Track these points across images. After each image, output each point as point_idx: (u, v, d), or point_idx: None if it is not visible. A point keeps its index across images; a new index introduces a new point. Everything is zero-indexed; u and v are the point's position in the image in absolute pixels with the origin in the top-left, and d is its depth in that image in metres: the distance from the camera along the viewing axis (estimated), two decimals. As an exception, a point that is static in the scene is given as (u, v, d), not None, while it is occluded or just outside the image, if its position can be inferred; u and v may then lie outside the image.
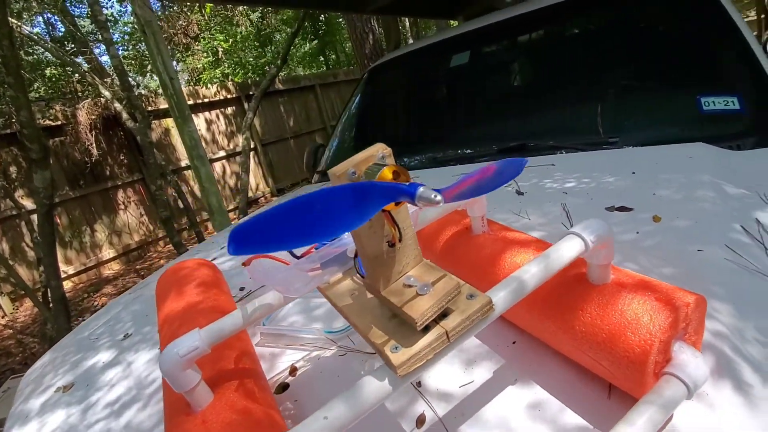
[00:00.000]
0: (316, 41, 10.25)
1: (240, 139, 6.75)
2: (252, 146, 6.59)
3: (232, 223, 2.85)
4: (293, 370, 0.61)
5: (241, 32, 8.41)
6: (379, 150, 0.30)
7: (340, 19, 10.22)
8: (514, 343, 0.54)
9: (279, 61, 4.17)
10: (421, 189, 0.25)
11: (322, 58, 11.33)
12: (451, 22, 5.52)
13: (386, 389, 0.30)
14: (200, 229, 4.15)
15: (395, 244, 0.32)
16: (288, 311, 0.76)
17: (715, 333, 0.46)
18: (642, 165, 0.94)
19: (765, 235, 0.64)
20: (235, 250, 0.24)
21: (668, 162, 0.93)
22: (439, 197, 0.25)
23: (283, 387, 0.59)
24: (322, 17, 9.64)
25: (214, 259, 1.16)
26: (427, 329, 0.31)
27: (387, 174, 0.27)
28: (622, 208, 0.77)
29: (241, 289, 0.91)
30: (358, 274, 0.40)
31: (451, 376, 0.52)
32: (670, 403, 0.36)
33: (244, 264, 0.40)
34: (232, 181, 6.65)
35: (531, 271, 0.36)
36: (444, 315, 0.32)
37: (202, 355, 0.42)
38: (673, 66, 1.25)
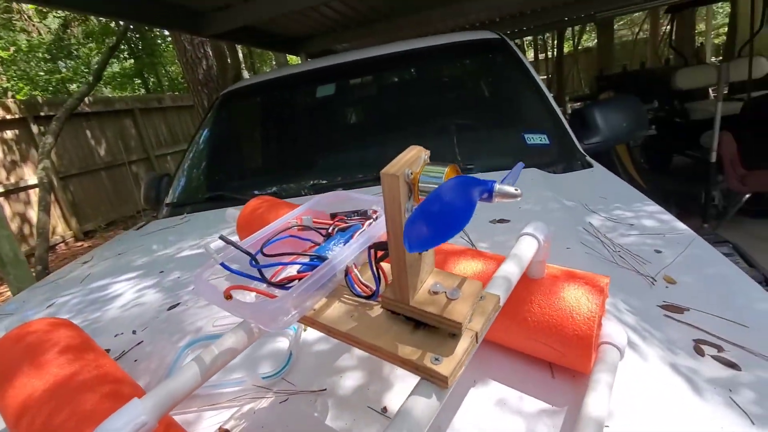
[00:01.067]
0: (132, 60, 9.01)
1: (28, 171, 5.32)
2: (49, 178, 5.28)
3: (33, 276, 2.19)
4: (224, 432, 0.51)
5: (29, 40, 6.77)
6: (422, 152, 0.30)
7: (160, 41, 9.29)
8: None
9: (92, 78, 3.50)
10: (497, 185, 0.26)
11: (138, 81, 9.99)
12: (291, 57, 5.63)
13: (435, 405, 0.29)
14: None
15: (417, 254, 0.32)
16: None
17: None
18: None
19: (598, 233, 0.85)
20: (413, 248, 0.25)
21: (520, 183, 1.14)
22: (518, 191, 0.26)
23: (220, 454, 0.48)
24: (136, 35, 8.57)
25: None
26: (454, 335, 0.31)
27: (452, 173, 0.27)
28: (501, 221, 0.91)
29: (106, 351, 0.72)
30: (349, 295, 0.37)
31: (406, 390, 0.52)
32: (613, 366, 0.44)
33: (226, 297, 0.33)
34: (14, 224, 5.14)
35: (511, 269, 0.40)
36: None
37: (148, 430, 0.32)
38: (503, 110, 1.58)
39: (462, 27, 5.09)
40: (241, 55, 9.79)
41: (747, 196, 2.98)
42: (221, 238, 0.37)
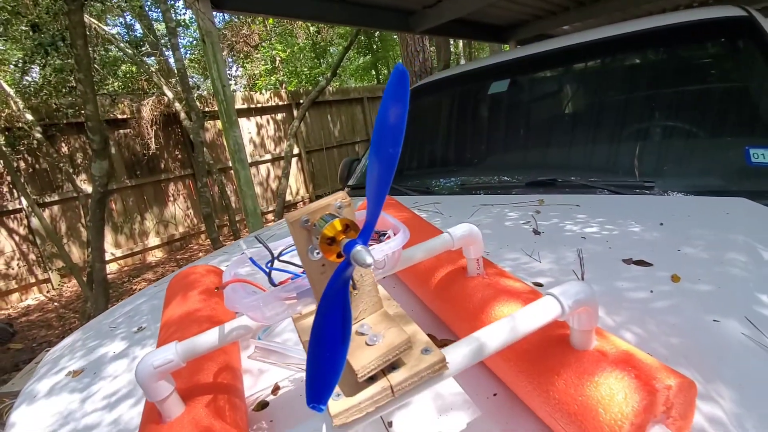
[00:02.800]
0: (369, 56, 10.51)
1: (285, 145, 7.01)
2: (296, 152, 6.82)
3: (266, 225, 2.95)
4: (276, 389, 0.62)
5: (298, 43, 8.80)
6: (338, 199, 0.30)
7: (395, 36, 10.44)
8: (495, 395, 0.52)
9: (329, 73, 4.31)
10: (355, 249, 0.25)
11: (374, 72, 11.58)
12: (504, 46, 5.49)
13: (321, 436, 0.30)
14: (238, 227, 4.32)
15: (356, 288, 0.32)
16: (285, 327, 0.77)
17: (711, 418, 0.42)
18: (673, 216, 0.88)
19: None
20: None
21: (702, 216, 0.86)
22: (369, 260, 0.25)
23: (263, 405, 0.59)
24: (376, 33, 9.89)
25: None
26: (373, 379, 0.31)
27: (337, 226, 0.28)
28: (640, 262, 0.72)
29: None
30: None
31: (424, 421, 0.50)
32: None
33: (217, 288, 0.41)
34: (275, 185, 6.89)
35: (496, 331, 0.35)
36: (394, 367, 0.31)
37: (176, 368, 0.43)
38: (722, 111, 1.17)
39: (689, 4, 3.85)
40: (461, 45, 10.08)
41: None
42: (256, 237, 0.45)
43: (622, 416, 0.34)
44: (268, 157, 6.73)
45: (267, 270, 0.44)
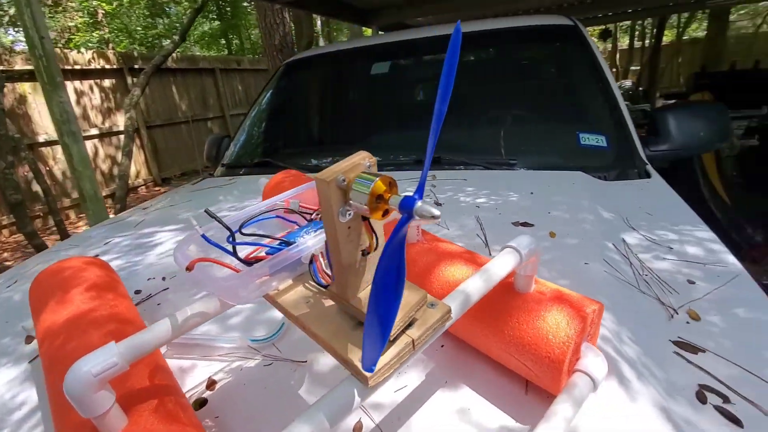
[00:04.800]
0: (218, 22, 9.50)
1: (120, 118, 5.91)
2: (135, 127, 5.83)
3: (109, 215, 2.47)
4: (211, 384, 0.56)
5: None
6: (365, 158, 0.30)
7: (246, 3, 9.65)
8: (442, 346, 0.57)
9: (177, 37, 3.76)
10: (418, 204, 0.26)
11: (223, 41, 10.54)
12: (365, 30, 5.61)
13: (355, 401, 0.29)
14: (61, 218, 3.51)
15: (370, 252, 0.32)
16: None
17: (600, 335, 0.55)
18: (538, 187, 1.08)
19: (630, 253, 0.79)
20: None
21: (558, 186, 1.08)
22: (437, 212, 0.26)
23: (200, 403, 0.53)
24: (225, -3, 8.99)
25: (98, 256, 1.00)
26: (396, 338, 0.32)
27: (381, 186, 0.27)
28: (525, 224, 0.87)
29: (137, 292, 0.80)
30: (313, 282, 0.39)
31: (393, 381, 0.53)
32: (581, 396, 0.42)
33: (187, 268, 0.36)
34: (104, 166, 5.79)
35: (477, 282, 0.39)
36: (409, 324, 0.32)
37: (120, 373, 0.36)
38: (560, 104, 1.47)
39: (549, 8, 4.72)
40: (319, 24, 9.92)
41: None
42: (206, 211, 0.40)
43: (568, 338, 0.43)
44: (94, 131, 5.58)
45: (227, 247, 0.40)
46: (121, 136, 5.95)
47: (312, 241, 0.38)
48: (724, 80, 4.70)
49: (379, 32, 4.65)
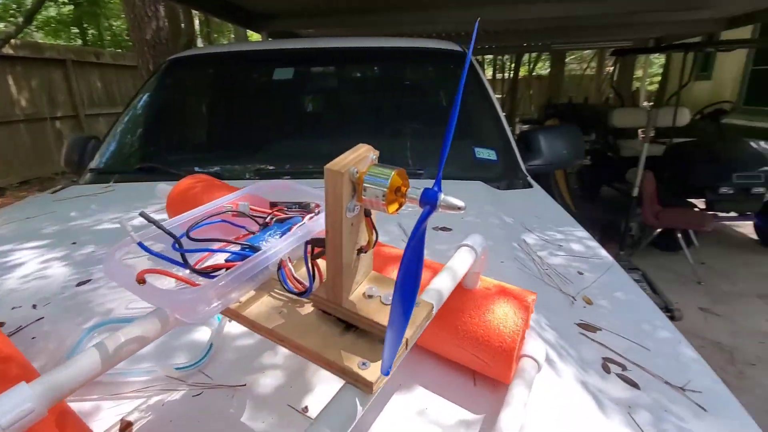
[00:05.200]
0: (72, 7, 8.13)
1: None
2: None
3: None
4: (126, 427, 0.47)
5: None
6: (369, 151, 0.29)
7: (108, -9, 8.48)
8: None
9: (22, 20, 3.09)
10: (441, 196, 0.25)
11: (76, 30, 9.03)
12: (252, 34, 5.39)
13: (358, 410, 0.28)
14: None
15: (367, 250, 0.31)
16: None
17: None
18: (445, 194, 1.16)
19: (531, 251, 0.90)
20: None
21: (464, 194, 1.18)
22: (461, 203, 0.26)
23: (116, 450, 0.44)
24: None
25: None
26: (384, 341, 0.31)
27: (398, 179, 0.26)
28: (444, 228, 0.93)
29: (0, 324, 0.63)
30: (281, 290, 0.35)
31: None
32: (531, 378, 0.46)
33: (138, 281, 0.29)
34: None
35: (446, 279, 0.41)
36: None
37: (37, 420, 0.28)
38: (459, 121, 1.62)
39: (429, 35, 5.17)
40: (197, 22, 9.20)
41: (658, 230, 3.31)
42: (142, 215, 0.33)
43: (517, 327, 0.47)
44: None
45: (174, 256, 0.34)
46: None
47: (282, 245, 0.34)
48: (564, 111, 5.71)
49: (269, 39, 4.51)
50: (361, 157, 0.28)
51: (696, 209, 3.34)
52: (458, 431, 0.46)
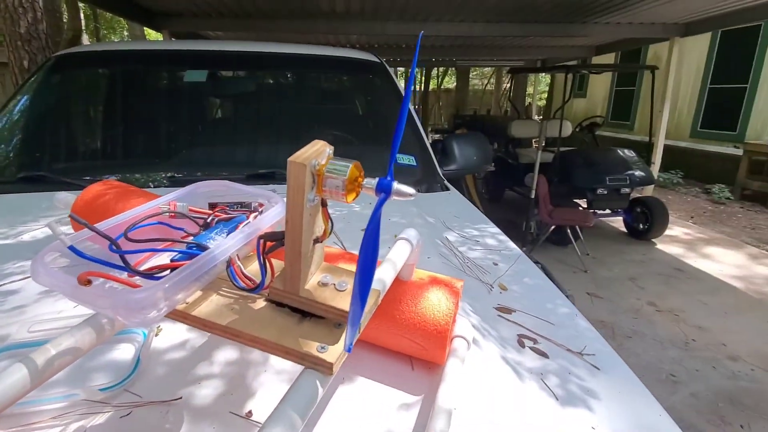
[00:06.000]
0: None
1: None
2: None
3: None
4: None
5: None
6: (326, 146, 0.30)
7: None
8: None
9: None
10: (395, 185, 0.28)
11: None
12: (150, 33, 4.97)
13: (319, 391, 0.29)
14: None
15: (323, 240, 0.33)
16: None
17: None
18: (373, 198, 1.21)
19: (453, 247, 0.98)
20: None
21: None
22: (412, 190, 0.28)
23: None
24: None
25: None
26: (339, 325, 0.33)
27: (355, 171, 0.28)
28: (372, 230, 0.97)
29: None
30: (229, 288, 0.36)
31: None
32: (463, 355, 0.51)
33: (81, 281, 0.27)
34: None
35: (388, 269, 0.44)
36: None
37: None
38: (376, 128, 1.69)
39: (342, 44, 5.26)
40: (82, 16, 8.19)
41: (552, 227, 3.76)
42: (71, 217, 0.31)
43: (449, 310, 0.52)
44: None
45: (111, 258, 0.33)
46: None
47: (230, 243, 0.35)
48: (471, 121, 6.20)
49: (172, 38, 4.20)
50: (319, 151, 0.30)
51: (580, 208, 3.86)
52: (400, 413, 0.49)
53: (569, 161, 4.05)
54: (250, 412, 0.48)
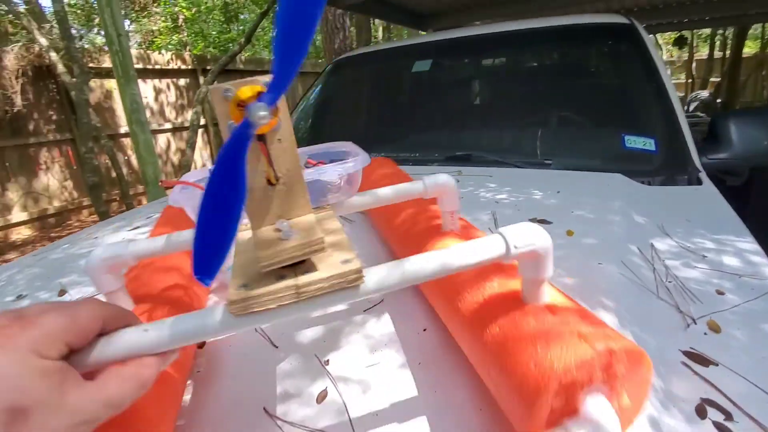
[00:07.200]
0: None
1: (189, 114, 6.40)
2: (202, 123, 6.27)
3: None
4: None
5: (206, 2, 8.01)
6: (265, 78, 0.30)
7: (313, 11, 10.04)
8: (424, 330, 0.56)
9: (243, 39, 4.02)
10: (253, 104, 0.25)
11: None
12: (422, 33, 5.63)
13: (215, 324, 0.30)
14: (131, 202, 3.86)
15: (273, 184, 0.33)
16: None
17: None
18: (567, 186, 1.02)
19: (656, 259, 0.72)
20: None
21: (590, 187, 1.01)
22: (263, 112, 0.24)
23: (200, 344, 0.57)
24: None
25: (136, 228, 1.09)
26: (283, 278, 0.31)
27: (251, 89, 0.27)
28: (542, 221, 0.83)
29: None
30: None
31: (358, 356, 0.53)
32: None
33: (163, 184, 0.39)
34: (176, 158, 6.27)
35: (427, 260, 0.35)
36: (307, 271, 0.32)
37: (125, 263, 0.44)
38: (609, 105, 1.38)
39: (617, 11, 4.46)
40: (380, 31, 10.11)
41: None
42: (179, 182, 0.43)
43: (551, 373, 0.33)
44: (168, 126, 6.09)
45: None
46: (191, 131, 6.44)
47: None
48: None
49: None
50: (252, 79, 0.29)
51: None
52: None
53: None
54: (327, 360, 0.53)
